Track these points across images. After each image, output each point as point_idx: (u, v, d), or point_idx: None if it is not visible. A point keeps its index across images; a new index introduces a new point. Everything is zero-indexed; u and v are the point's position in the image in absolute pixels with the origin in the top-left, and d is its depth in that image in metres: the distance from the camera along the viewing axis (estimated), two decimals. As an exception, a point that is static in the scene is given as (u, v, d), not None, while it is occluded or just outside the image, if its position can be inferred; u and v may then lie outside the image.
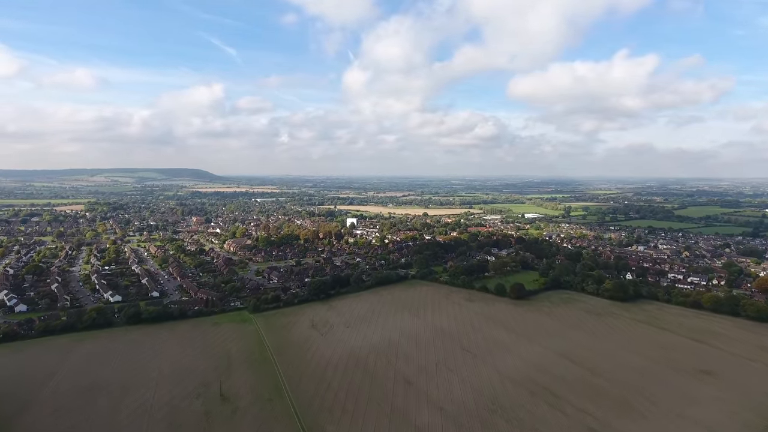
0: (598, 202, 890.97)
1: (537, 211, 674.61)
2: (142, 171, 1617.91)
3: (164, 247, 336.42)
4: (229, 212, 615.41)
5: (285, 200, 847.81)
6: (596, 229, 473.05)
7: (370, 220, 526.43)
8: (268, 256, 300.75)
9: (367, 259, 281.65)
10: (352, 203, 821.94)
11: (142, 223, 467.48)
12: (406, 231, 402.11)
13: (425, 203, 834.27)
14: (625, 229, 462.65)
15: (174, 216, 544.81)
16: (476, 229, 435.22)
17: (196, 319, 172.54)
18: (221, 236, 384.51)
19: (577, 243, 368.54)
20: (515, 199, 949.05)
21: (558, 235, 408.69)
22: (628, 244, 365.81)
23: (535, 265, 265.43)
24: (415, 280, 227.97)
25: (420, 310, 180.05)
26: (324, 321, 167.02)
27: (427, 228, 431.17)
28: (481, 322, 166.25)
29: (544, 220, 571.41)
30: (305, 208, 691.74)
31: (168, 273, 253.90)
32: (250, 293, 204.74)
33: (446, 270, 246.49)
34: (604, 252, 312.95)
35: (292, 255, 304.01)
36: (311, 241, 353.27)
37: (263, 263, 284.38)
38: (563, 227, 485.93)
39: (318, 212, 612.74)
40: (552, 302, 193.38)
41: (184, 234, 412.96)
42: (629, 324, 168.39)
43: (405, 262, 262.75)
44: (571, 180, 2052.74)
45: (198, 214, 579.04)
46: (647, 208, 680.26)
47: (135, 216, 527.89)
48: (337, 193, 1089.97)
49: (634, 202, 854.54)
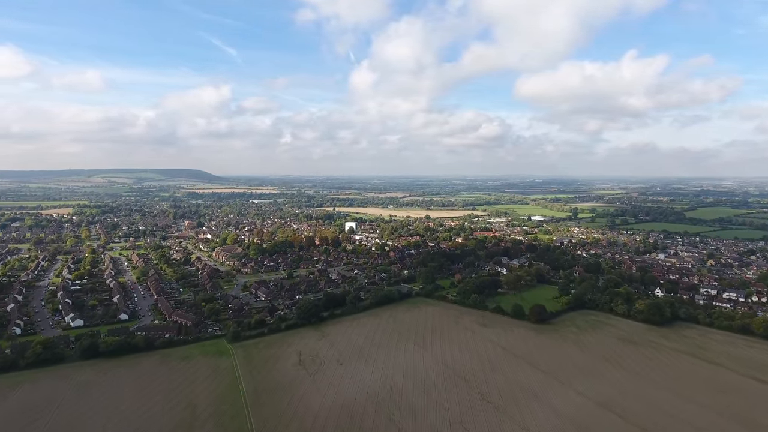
0: (603, 203, 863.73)
1: (543, 213, 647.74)
2: (140, 171, 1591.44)
3: (147, 256, 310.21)
4: (224, 215, 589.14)
5: (283, 202, 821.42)
6: (607, 233, 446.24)
7: (370, 223, 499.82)
8: (259, 267, 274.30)
9: (366, 271, 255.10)
10: (352, 204, 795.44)
11: (130, 228, 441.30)
12: (407, 237, 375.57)
13: (427, 204, 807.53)
14: (638, 233, 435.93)
15: (165, 220, 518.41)
16: (482, 234, 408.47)
17: (164, 351, 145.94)
18: (211, 242, 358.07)
19: (592, 249, 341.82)
20: (519, 199, 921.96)
21: (569, 240, 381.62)
22: (646, 251, 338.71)
23: (552, 278, 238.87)
24: (419, 297, 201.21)
25: (427, 338, 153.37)
26: (313, 354, 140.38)
27: (430, 233, 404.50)
28: (500, 356, 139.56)
29: (552, 223, 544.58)
30: (303, 211, 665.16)
31: (145, 288, 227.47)
32: (232, 315, 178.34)
33: (454, 285, 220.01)
34: (624, 261, 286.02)
35: (284, 265, 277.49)
36: (306, 249, 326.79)
37: (252, 275, 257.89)
38: (573, 231, 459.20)
39: (316, 215, 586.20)
40: (578, 327, 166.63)
41: (173, 240, 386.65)
42: (673, 357, 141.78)
43: (408, 276, 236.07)
44: (572, 180, 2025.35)
45: (191, 218, 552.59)
46: (656, 209, 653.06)
47: (124, 219, 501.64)
48: (337, 193, 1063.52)
49: (641, 203, 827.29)
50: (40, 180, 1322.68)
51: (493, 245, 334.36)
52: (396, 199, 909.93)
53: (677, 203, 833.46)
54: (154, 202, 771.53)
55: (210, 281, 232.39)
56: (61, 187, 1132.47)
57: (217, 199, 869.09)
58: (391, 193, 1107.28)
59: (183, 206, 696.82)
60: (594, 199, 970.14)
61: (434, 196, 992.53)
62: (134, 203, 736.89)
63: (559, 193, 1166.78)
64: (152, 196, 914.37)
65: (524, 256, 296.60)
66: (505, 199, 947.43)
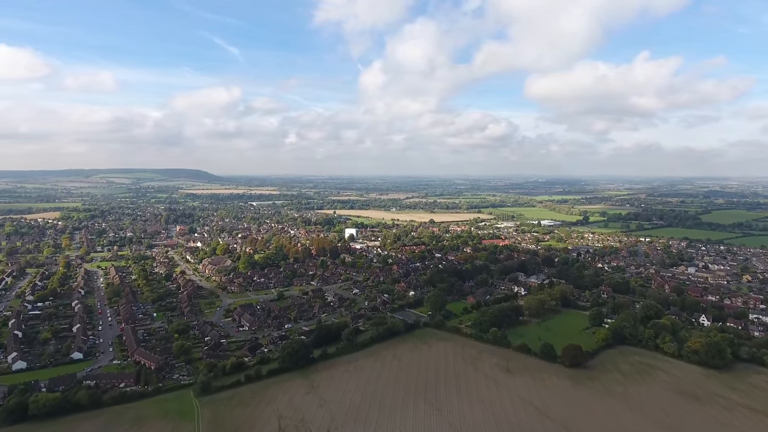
0: (612, 205, 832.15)
1: (552, 217, 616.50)
2: (139, 171, 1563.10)
3: (127, 270, 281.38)
4: (219, 219, 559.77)
5: (282, 204, 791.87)
6: (624, 239, 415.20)
7: (372, 229, 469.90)
8: (248, 284, 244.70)
9: (366, 290, 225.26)
10: (353, 207, 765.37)
11: (116, 235, 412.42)
12: (412, 246, 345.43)
13: (430, 207, 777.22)
14: (657, 240, 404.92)
15: (156, 225, 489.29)
16: (492, 242, 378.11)
17: (114, 410, 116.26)
18: (200, 252, 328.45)
19: (613, 261, 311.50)
20: (524, 201, 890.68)
21: (587, 250, 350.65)
22: (673, 263, 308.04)
23: (577, 299, 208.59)
24: (428, 329, 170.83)
25: (440, 392, 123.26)
26: (298, 419, 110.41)
27: (436, 241, 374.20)
28: (533, 420, 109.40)
29: (563, 227, 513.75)
30: (302, 214, 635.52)
31: (115, 312, 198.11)
32: (206, 353, 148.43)
33: (467, 311, 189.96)
34: (654, 278, 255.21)
35: (276, 282, 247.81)
36: (302, 262, 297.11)
37: (239, 294, 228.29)
38: (587, 237, 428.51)
39: (315, 219, 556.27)
40: (623, 373, 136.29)
41: (160, 249, 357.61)
42: (749, 419, 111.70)
43: (414, 299, 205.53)
44: (576, 179, 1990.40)
45: (184, 222, 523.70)
46: (670, 213, 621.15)
47: (113, 225, 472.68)
48: (338, 194, 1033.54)
49: (652, 205, 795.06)
50: (39, 180, 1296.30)
51: (506, 257, 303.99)
52: (398, 200, 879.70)
53: (688, 205, 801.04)
54: (149, 204, 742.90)
55: (189, 304, 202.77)
56: (57, 188, 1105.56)
57: (215, 201, 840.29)
58: (393, 194, 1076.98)
59: (178, 209, 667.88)
60: (601, 200, 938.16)
61: (437, 198, 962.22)
62: (128, 205, 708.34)
63: (565, 194, 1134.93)
64: (149, 198, 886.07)
65: (542, 271, 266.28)
66: (510, 200, 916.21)
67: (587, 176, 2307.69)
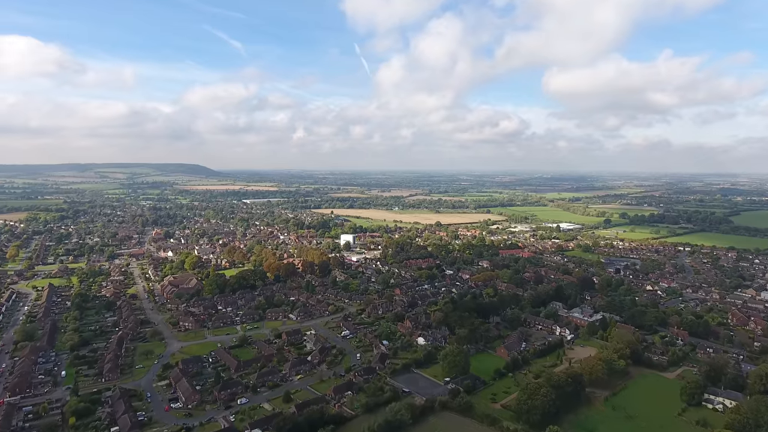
0: (628, 204, 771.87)
1: (570, 219, 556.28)
2: (136, 166, 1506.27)
3: (67, 291, 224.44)
4: (204, 220, 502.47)
5: (278, 202, 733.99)
6: (662, 250, 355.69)
7: (371, 234, 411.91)
8: (210, 315, 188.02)
9: (360, 333, 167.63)
10: (353, 206, 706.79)
11: (79, 241, 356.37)
12: (417, 259, 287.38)
13: (435, 206, 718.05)
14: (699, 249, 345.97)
15: (131, 227, 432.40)
16: (511, 252, 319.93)
17: None
18: (166, 267, 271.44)
19: (661, 280, 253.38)
20: (534, 199, 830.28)
21: (626, 266, 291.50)
22: (736, 285, 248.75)
23: (646, 349, 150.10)
24: (448, 414, 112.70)
25: None
26: None
27: (446, 252, 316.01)
28: None
29: (584, 231, 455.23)
30: (297, 214, 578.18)
31: (8, 370, 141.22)
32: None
33: (501, 373, 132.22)
34: (732, 312, 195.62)
35: (246, 313, 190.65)
36: (284, 281, 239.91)
37: (193, 334, 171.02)
38: (617, 245, 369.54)
39: (310, 221, 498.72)
40: None
41: (124, 259, 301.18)
42: None
43: (424, 353, 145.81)
44: (581, 175, 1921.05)
45: (165, 223, 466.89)
46: (697, 215, 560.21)
47: (82, 228, 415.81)
48: (339, 191, 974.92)
49: (671, 204, 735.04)
50: (33, 175, 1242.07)
51: (533, 276, 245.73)
52: (401, 199, 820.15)
53: (708, 205, 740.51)
54: (134, 202, 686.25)
55: (116, 355, 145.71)
56: (48, 183, 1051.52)
57: (206, 199, 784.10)
58: (395, 191, 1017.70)
59: (164, 207, 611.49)
60: (615, 198, 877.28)
61: (442, 195, 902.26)
62: (112, 203, 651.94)
63: (575, 191, 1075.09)
64: (138, 195, 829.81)
65: (583, 298, 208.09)
66: (519, 198, 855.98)
67: (593, 172, 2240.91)
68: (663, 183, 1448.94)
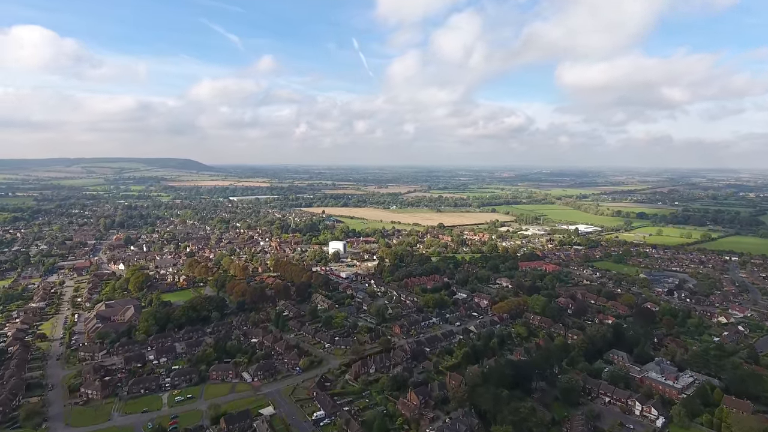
0: (639, 201, 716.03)
1: (583, 219, 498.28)
2: (125, 161, 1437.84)
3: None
4: (180, 221, 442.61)
5: (266, 199, 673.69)
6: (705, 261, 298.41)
7: (366, 240, 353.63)
8: (131, 371, 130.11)
9: (339, 413, 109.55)
10: (347, 204, 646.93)
11: (20, 249, 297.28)
12: (421, 277, 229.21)
13: (435, 204, 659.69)
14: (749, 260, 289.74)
15: (91, 232, 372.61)
16: (531, 264, 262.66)
17: None
18: (110, 284, 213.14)
19: (732, 307, 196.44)
20: (540, 197, 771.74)
21: (679, 286, 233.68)
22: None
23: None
24: None
25: None
26: None
27: (454, 265, 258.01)
28: None
29: (605, 234, 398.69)
30: (285, 213, 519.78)
31: None
32: None
33: None
34: None
35: (181, 372, 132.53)
36: (250, 309, 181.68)
37: (91, 413, 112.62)
38: (652, 254, 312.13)
39: (297, 222, 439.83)
40: None
41: (63, 275, 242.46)
42: None
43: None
44: (581, 171, 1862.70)
45: (134, 225, 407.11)
46: (722, 215, 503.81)
47: (33, 233, 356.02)
48: (334, 188, 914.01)
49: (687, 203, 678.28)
50: (14, 170, 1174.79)
51: (573, 305, 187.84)
52: (399, 196, 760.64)
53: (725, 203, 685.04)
54: (111, 199, 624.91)
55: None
56: (29, 179, 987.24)
57: (192, 195, 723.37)
58: (393, 186, 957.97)
59: (141, 206, 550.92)
60: (624, 195, 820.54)
61: (442, 192, 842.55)
62: (83, 202, 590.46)
63: (575, 187, 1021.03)
64: (119, 191, 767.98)
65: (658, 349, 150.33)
66: (523, 195, 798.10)
67: (592, 168, 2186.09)
68: (666, 179, 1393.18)
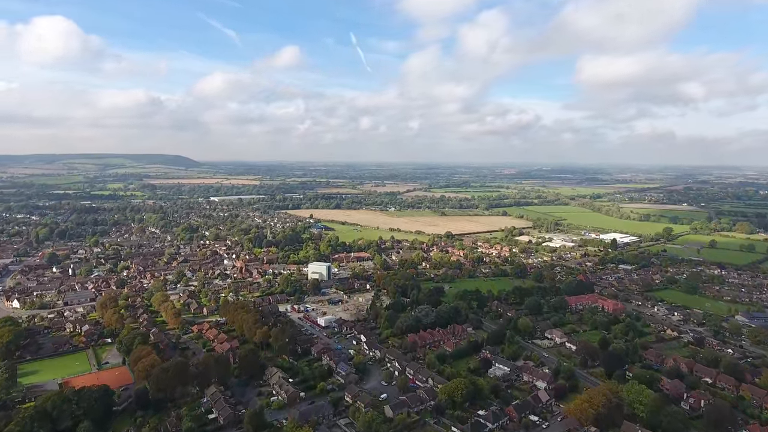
0: (659, 202, 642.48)
1: (613, 226, 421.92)
2: (109, 157, 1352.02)
3: None
4: (139, 229, 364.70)
5: (250, 200, 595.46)
6: None
7: (357, 256, 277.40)
8: None
9: None
10: (340, 205, 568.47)
11: None
12: (435, 329, 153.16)
13: (438, 205, 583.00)
14: None
15: (17, 246, 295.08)
16: (581, 301, 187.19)
17: None
18: None
19: None
20: (550, 197, 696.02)
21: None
22: None
23: None
24: None
25: None
26: None
27: (479, 302, 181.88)
28: None
29: (646, 245, 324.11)
30: (267, 217, 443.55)
31: None
32: None
33: None
34: None
35: None
36: (155, 407, 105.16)
37: None
38: (725, 277, 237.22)
39: (278, 231, 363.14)
40: None
41: None
42: None
43: None
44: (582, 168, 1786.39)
45: (79, 235, 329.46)
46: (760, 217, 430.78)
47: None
48: (328, 186, 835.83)
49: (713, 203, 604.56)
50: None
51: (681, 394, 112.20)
52: (397, 195, 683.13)
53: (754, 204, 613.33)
54: (75, 200, 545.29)
55: None
56: (2, 177, 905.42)
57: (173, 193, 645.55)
58: (391, 185, 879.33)
59: (102, 208, 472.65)
60: (640, 194, 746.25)
61: (444, 191, 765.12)
62: (37, 203, 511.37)
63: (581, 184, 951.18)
64: (91, 190, 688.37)
65: None
66: (531, 194, 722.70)
67: (593, 164, 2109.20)
68: (672, 176, 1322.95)
